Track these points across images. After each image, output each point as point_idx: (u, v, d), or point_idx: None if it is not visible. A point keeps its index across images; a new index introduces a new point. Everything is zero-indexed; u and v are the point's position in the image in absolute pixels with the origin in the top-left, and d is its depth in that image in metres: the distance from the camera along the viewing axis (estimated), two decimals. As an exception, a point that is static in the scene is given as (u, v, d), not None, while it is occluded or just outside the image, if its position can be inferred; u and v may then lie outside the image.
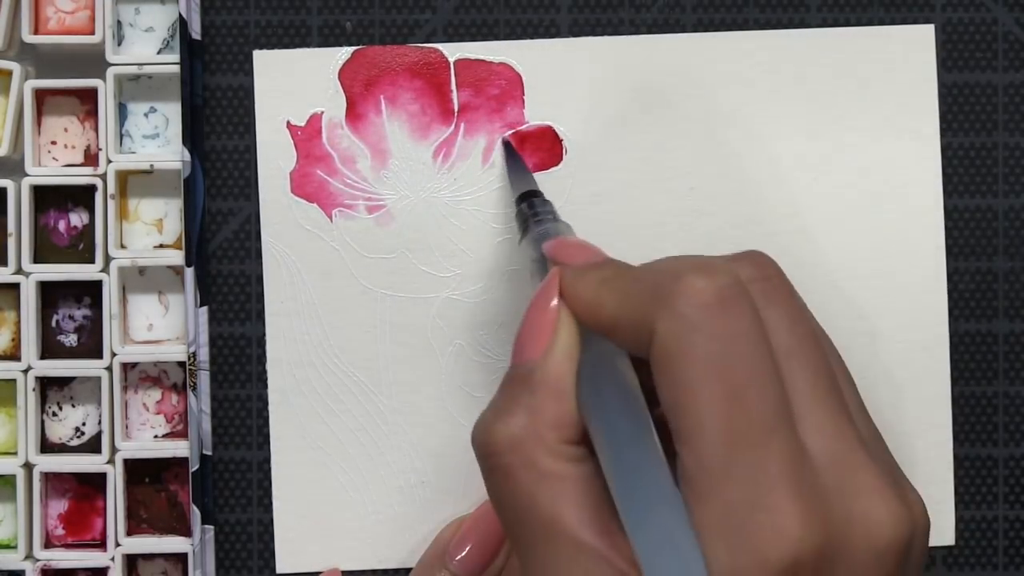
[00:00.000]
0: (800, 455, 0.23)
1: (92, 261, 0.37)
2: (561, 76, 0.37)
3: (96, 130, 0.37)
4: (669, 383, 0.24)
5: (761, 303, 0.25)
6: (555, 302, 0.27)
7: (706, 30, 0.38)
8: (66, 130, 0.38)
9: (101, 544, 0.37)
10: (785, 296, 0.26)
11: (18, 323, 0.37)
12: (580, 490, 0.25)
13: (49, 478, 0.37)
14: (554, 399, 0.26)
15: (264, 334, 0.37)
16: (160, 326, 0.38)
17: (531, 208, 0.33)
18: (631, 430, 0.25)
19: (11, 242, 0.37)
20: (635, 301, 0.25)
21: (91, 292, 0.37)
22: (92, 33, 0.36)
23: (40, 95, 0.37)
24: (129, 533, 0.37)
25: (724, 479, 0.23)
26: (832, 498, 0.23)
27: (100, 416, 0.37)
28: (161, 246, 0.38)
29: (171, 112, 0.37)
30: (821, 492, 0.23)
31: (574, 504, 0.25)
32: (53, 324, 0.37)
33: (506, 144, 0.37)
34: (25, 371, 0.37)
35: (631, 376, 0.26)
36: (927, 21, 0.38)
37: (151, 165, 0.37)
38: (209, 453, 0.37)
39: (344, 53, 0.37)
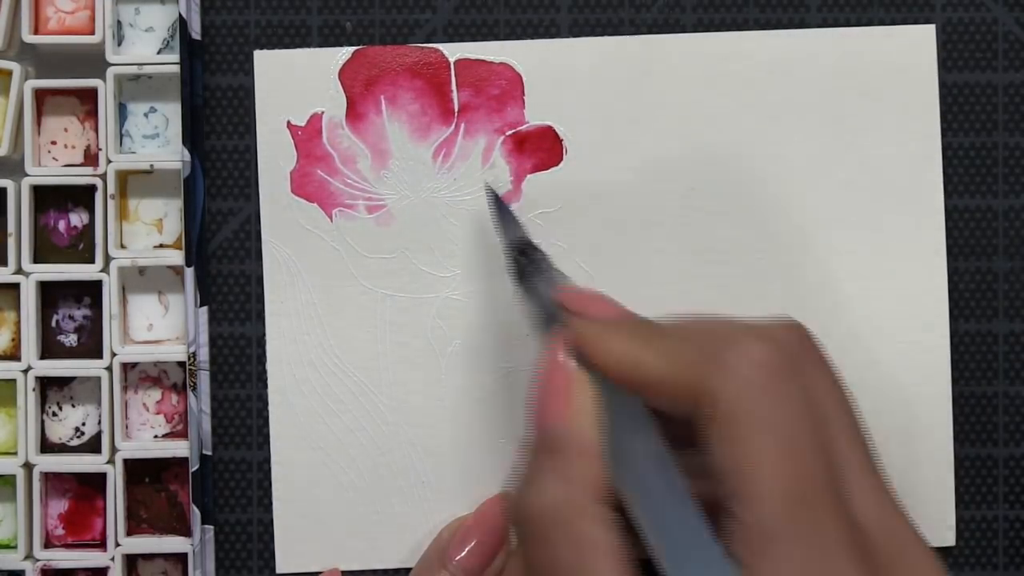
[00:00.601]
0: (853, 521, 0.24)
1: (92, 261, 0.37)
2: (561, 76, 0.37)
3: (96, 130, 0.37)
4: (729, 442, 0.24)
5: (806, 370, 0.26)
6: (572, 363, 0.27)
7: (706, 30, 0.38)
8: (66, 130, 0.38)
9: (101, 544, 0.37)
10: (825, 364, 0.27)
11: (18, 323, 0.37)
12: (618, 556, 0.25)
13: (49, 478, 0.37)
14: (586, 463, 0.26)
15: (264, 334, 0.37)
16: (160, 326, 0.38)
17: (526, 257, 0.32)
18: (670, 491, 0.25)
19: (11, 242, 0.37)
20: (687, 361, 0.25)
21: (91, 292, 0.37)
22: (92, 33, 0.36)
23: (40, 95, 0.37)
24: (129, 533, 0.37)
25: (784, 537, 0.23)
26: (883, 567, 0.24)
27: (100, 416, 0.37)
28: (161, 246, 0.38)
29: (171, 112, 0.37)
30: (875, 560, 0.24)
31: (615, 571, 0.25)
32: (53, 324, 0.37)
33: (490, 192, 0.36)
34: (25, 371, 0.37)
35: (658, 435, 0.26)
36: (927, 21, 0.38)
37: (151, 165, 0.37)
38: (209, 453, 0.37)
39: (344, 53, 0.37)
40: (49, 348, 0.37)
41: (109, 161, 0.36)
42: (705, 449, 0.25)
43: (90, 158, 0.37)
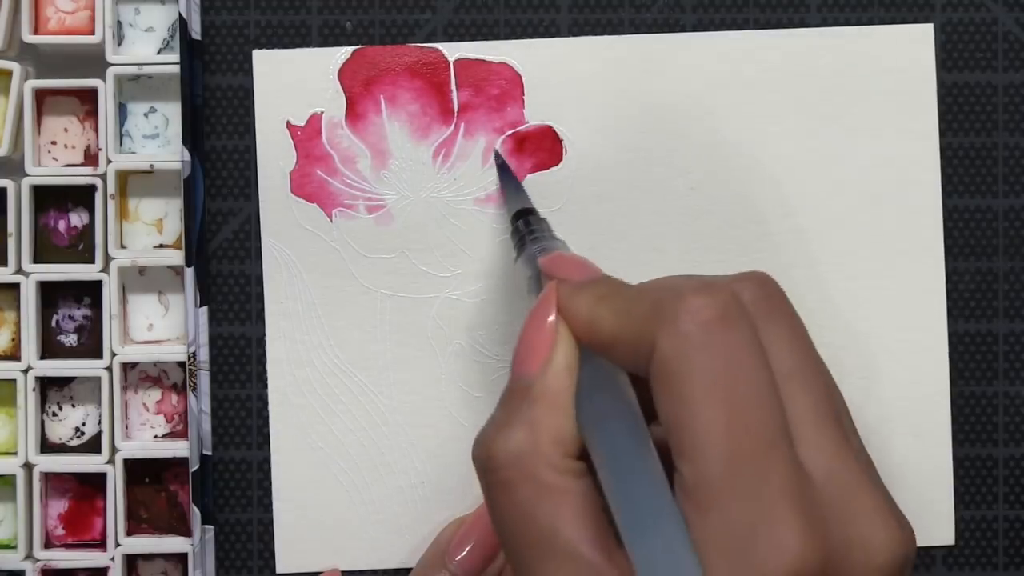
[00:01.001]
0: (800, 473, 0.23)
1: (92, 261, 0.37)
2: (561, 76, 0.37)
3: (96, 130, 0.37)
4: (670, 399, 0.24)
5: (762, 323, 0.25)
6: (552, 317, 0.27)
7: (706, 30, 0.38)
8: (66, 130, 0.38)
9: (101, 544, 0.37)
10: (786, 316, 0.26)
11: (18, 323, 0.37)
12: (579, 505, 0.25)
13: (49, 478, 0.37)
14: (553, 413, 0.26)
15: (264, 334, 0.37)
16: (160, 326, 0.38)
17: (527, 226, 0.33)
18: (630, 445, 0.25)
19: (11, 242, 0.37)
20: (635, 318, 0.25)
21: (91, 292, 0.37)
22: (92, 33, 0.36)
23: (40, 95, 0.37)
24: (129, 533, 0.37)
25: (725, 493, 0.23)
26: (833, 517, 0.24)
27: (100, 416, 0.37)
28: (161, 246, 0.38)
29: (171, 112, 0.37)
30: (822, 511, 0.23)
31: (573, 519, 0.25)
32: (53, 324, 0.37)
33: (499, 161, 0.37)
34: (25, 371, 0.37)
35: (629, 392, 0.26)
36: (927, 21, 0.38)
37: (151, 165, 0.37)
38: (209, 453, 0.37)
39: (344, 53, 0.37)
40: (49, 348, 0.37)
41: (109, 161, 0.36)
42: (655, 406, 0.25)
43: (90, 158, 0.37)
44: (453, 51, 0.37)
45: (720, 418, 0.23)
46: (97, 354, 0.37)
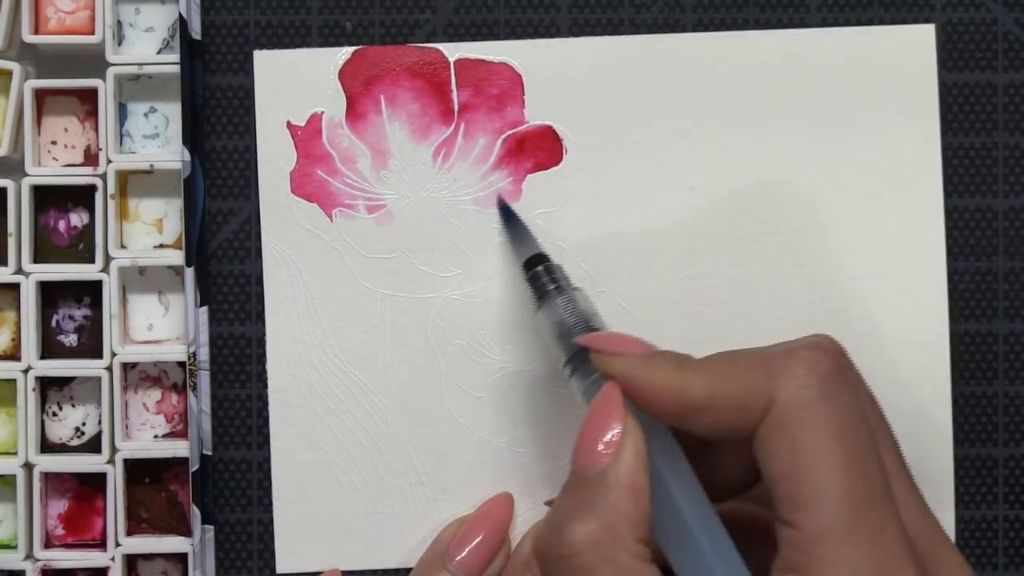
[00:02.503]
0: (903, 525, 0.25)
1: (92, 261, 0.37)
2: (561, 76, 0.37)
3: (96, 130, 0.37)
4: (790, 449, 0.25)
5: (851, 379, 0.27)
6: (621, 404, 0.27)
7: (706, 30, 0.38)
8: (66, 130, 0.38)
9: (101, 544, 0.37)
10: (860, 377, 0.28)
11: (18, 323, 0.37)
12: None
13: (49, 478, 0.37)
14: (631, 499, 0.26)
15: (264, 334, 0.37)
16: (160, 326, 0.38)
17: (548, 273, 0.33)
18: (709, 525, 0.26)
19: (11, 242, 0.37)
20: (742, 376, 0.26)
21: (91, 292, 0.37)
22: (92, 33, 0.36)
23: (40, 95, 0.37)
24: (129, 533, 0.37)
25: (849, 543, 0.24)
26: (930, 570, 0.25)
27: (100, 416, 0.37)
28: (161, 246, 0.38)
29: (171, 112, 0.37)
30: (924, 566, 0.25)
31: None
32: (53, 324, 0.37)
33: (503, 206, 0.37)
34: (25, 371, 0.37)
35: (692, 472, 0.27)
36: (927, 21, 0.38)
37: (151, 165, 0.37)
38: (209, 453, 0.37)
39: (344, 53, 0.37)
40: (49, 348, 0.37)
41: (109, 161, 0.36)
42: (761, 462, 0.26)
43: (90, 158, 0.37)
44: (453, 51, 0.37)
45: (842, 466, 0.25)
46: (97, 354, 0.37)
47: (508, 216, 0.37)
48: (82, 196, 0.37)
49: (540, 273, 0.34)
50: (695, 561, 0.26)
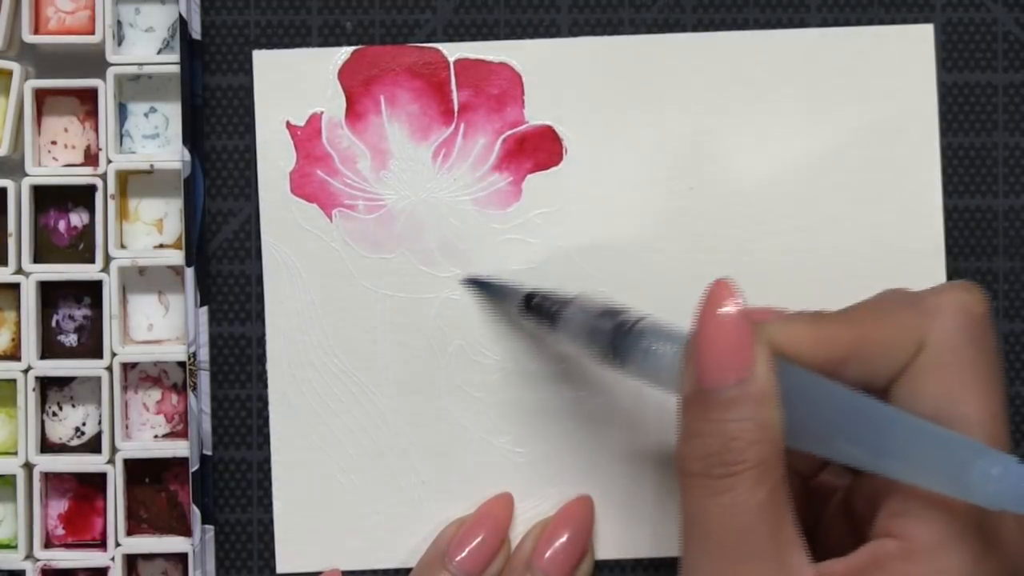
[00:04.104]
0: None
1: (92, 261, 0.37)
2: (561, 76, 0.37)
3: (96, 130, 0.37)
4: (940, 389, 0.26)
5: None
6: (747, 322, 0.27)
7: (706, 30, 0.38)
8: (66, 130, 0.38)
9: (101, 544, 0.37)
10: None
11: (18, 323, 0.37)
12: (792, 505, 0.26)
13: (49, 478, 0.37)
14: (779, 411, 0.26)
15: (264, 334, 0.37)
16: (160, 326, 0.38)
17: (546, 299, 0.34)
18: (817, 378, 0.26)
19: (11, 242, 0.37)
20: (889, 321, 0.27)
21: (91, 292, 0.37)
22: (92, 33, 0.36)
23: (40, 95, 0.37)
24: (129, 533, 0.37)
25: None
26: None
27: (100, 416, 0.37)
28: (161, 246, 0.38)
29: (171, 112, 0.37)
30: None
31: (793, 520, 0.26)
32: (53, 324, 0.37)
33: (469, 283, 0.37)
34: (25, 371, 0.37)
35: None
36: (927, 21, 0.38)
37: (151, 165, 0.37)
38: (209, 453, 0.37)
39: (344, 53, 0.37)
40: (49, 348, 0.37)
41: (109, 161, 0.36)
42: (905, 405, 0.26)
43: (90, 158, 0.37)
44: (453, 51, 0.37)
45: (990, 409, 0.26)
46: (97, 354, 0.37)
47: (480, 284, 0.37)
48: (82, 196, 0.37)
49: (539, 302, 0.34)
50: (810, 406, 0.26)
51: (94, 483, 0.37)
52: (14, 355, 0.37)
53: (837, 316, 0.28)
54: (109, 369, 0.37)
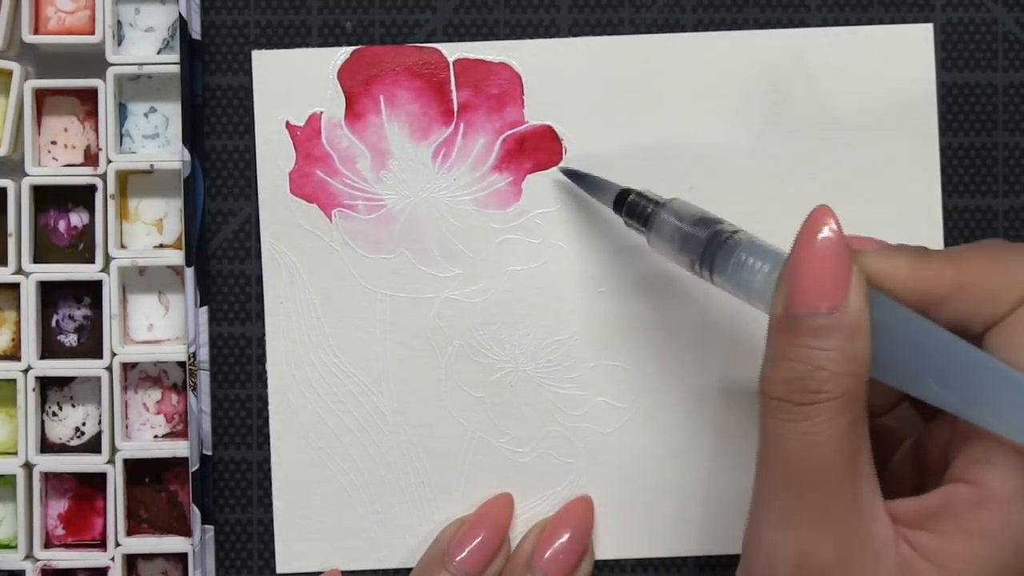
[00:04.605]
0: None
1: (92, 261, 0.37)
2: (561, 76, 0.37)
3: (96, 130, 0.37)
4: None
5: None
6: (845, 252, 0.27)
7: (706, 30, 0.38)
8: (66, 130, 0.38)
9: (101, 544, 0.37)
10: None
11: (18, 323, 0.37)
12: (869, 439, 0.26)
13: (49, 478, 0.37)
14: (867, 344, 0.26)
15: (264, 334, 0.37)
16: (160, 326, 0.38)
17: (642, 198, 0.33)
18: (913, 316, 0.26)
19: (11, 242, 0.37)
20: (994, 266, 0.27)
21: (91, 292, 0.37)
22: (92, 33, 0.36)
23: (40, 95, 0.37)
24: (129, 533, 0.37)
25: None
26: None
27: (100, 416, 0.37)
28: (161, 246, 0.38)
29: (171, 112, 0.37)
30: None
31: (869, 454, 0.26)
32: (53, 324, 0.37)
33: (567, 172, 0.37)
34: (25, 371, 0.37)
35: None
36: (927, 21, 0.38)
37: (151, 165, 0.37)
38: (209, 453, 0.37)
39: (344, 53, 0.37)
40: (49, 348, 0.37)
41: (109, 161, 0.36)
42: (1002, 355, 0.26)
43: (90, 158, 0.37)
44: (453, 51, 0.37)
45: None
46: (97, 354, 0.37)
47: (576, 177, 0.36)
48: (82, 196, 0.37)
49: (635, 201, 0.34)
50: (903, 346, 0.26)
51: (94, 483, 0.37)
52: (14, 355, 0.37)
53: (942, 254, 0.28)
54: (109, 369, 0.37)
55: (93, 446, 0.37)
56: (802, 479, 0.26)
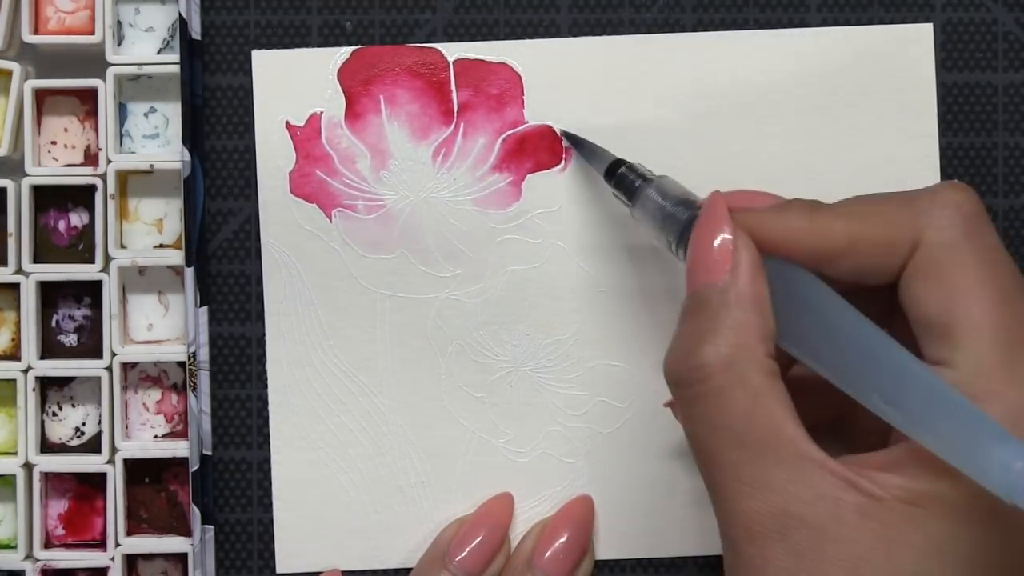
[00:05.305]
0: None
1: (92, 261, 0.37)
2: (561, 76, 0.37)
3: (96, 130, 0.37)
4: (941, 288, 0.25)
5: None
6: (727, 222, 0.27)
7: (706, 30, 0.38)
8: (66, 130, 0.38)
9: (101, 544, 0.37)
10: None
11: (18, 323, 0.37)
12: (788, 403, 0.25)
13: (49, 478, 0.37)
14: (756, 312, 0.26)
15: (264, 334, 0.37)
16: (160, 326, 0.38)
17: (632, 172, 0.33)
18: (871, 328, 0.25)
19: (11, 242, 0.37)
20: (884, 218, 0.26)
21: (91, 292, 0.37)
22: (92, 33, 0.36)
23: (40, 95, 0.37)
24: (129, 533, 0.37)
25: (1006, 379, 0.24)
26: None
27: (100, 416, 0.37)
28: (161, 246, 0.38)
29: (171, 112, 0.37)
30: None
31: (791, 418, 0.25)
32: (53, 324, 0.37)
33: (566, 135, 0.37)
34: (25, 371, 0.37)
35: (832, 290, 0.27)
36: (927, 21, 0.38)
37: (151, 165, 0.37)
38: (209, 453, 0.37)
39: (343, 53, 0.37)
40: (49, 348, 0.37)
41: (109, 161, 0.36)
42: (908, 305, 0.25)
43: (90, 158, 0.37)
44: (453, 51, 0.37)
45: (997, 304, 0.24)
46: (97, 354, 0.37)
47: (574, 140, 0.36)
48: (82, 196, 0.37)
49: (624, 174, 0.34)
50: (852, 356, 0.25)
51: (94, 483, 0.37)
52: (14, 355, 0.37)
53: (833, 208, 0.27)
54: (109, 369, 0.37)
55: (93, 446, 0.37)
56: (714, 456, 0.26)
